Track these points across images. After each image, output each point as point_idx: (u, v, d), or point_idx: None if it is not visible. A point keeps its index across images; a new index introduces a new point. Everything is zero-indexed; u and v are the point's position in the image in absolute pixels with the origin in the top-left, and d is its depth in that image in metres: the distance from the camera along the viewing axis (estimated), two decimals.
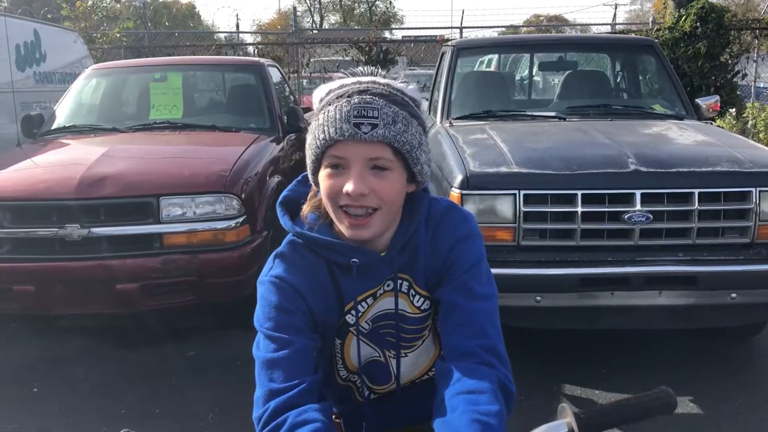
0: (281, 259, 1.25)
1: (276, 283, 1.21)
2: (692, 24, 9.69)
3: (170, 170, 3.93)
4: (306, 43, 12.07)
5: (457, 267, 1.23)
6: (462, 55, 5.10)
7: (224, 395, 3.32)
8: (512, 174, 3.19)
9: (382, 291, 1.27)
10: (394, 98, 1.16)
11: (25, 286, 3.56)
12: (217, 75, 6.07)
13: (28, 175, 3.95)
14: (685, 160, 3.26)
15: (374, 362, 1.33)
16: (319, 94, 1.23)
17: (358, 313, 1.26)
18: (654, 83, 5.14)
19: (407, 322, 1.29)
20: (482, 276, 1.24)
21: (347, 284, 1.24)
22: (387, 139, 1.13)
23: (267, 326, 1.19)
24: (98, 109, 5.35)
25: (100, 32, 10.86)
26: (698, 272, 3.06)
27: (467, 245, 1.25)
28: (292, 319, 1.18)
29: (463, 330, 1.18)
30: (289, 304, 1.19)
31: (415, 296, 1.28)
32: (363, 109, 1.12)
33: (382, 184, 1.14)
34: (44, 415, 3.18)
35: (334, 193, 1.15)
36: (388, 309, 1.28)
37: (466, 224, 1.28)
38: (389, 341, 1.31)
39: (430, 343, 1.34)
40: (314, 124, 1.18)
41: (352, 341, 1.29)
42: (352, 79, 1.20)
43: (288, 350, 1.15)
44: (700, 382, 3.36)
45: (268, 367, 1.15)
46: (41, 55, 6.83)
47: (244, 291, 3.88)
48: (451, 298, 1.21)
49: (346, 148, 1.13)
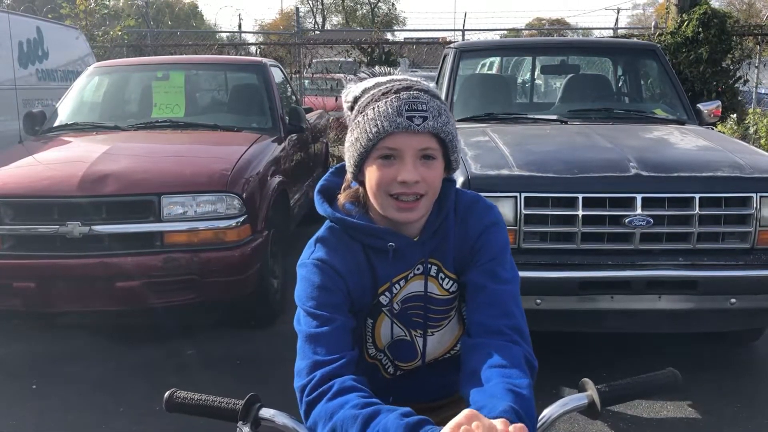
0: (322, 243, 1.32)
1: (318, 265, 1.28)
2: (694, 29, 9.70)
3: (172, 169, 3.94)
4: (308, 44, 12.07)
5: (484, 252, 1.33)
6: (464, 58, 5.10)
7: (223, 393, 3.31)
8: (513, 177, 3.19)
9: (413, 274, 1.35)
10: (433, 93, 1.26)
11: (26, 283, 3.56)
12: (220, 74, 6.08)
13: (30, 173, 3.96)
14: (686, 164, 3.27)
15: (401, 341, 1.40)
16: (354, 93, 1.31)
17: (392, 293, 1.35)
18: (656, 88, 5.15)
19: (435, 303, 1.38)
20: (507, 262, 1.34)
21: (382, 267, 1.33)
22: (435, 130, 1.22)
23: (309, 305, 1.26)
24: (100, 106, 5.36)
25: (102, 30, 10.86)
26: (698, 277, 3.07)
27: (493, 233, 1.35)
28: (332, 298, 1.26)
29: (490, 310, 1.26)
30: (331, 283, 1.27)
31: (444, 279, 1.37)
32: (413, 103, 1.21)
33: (430, 172, 1.24)
34: (43, 412, 3.19)
35: (386, 183, 1.23)
36: (417, 291, 1.37)
37: (492, 213, 1.38)
38: (416, 321, 1.39)
39: (455, 323, 1.42)
40: (362, 120, 1.24)
41: (384, 321, 1.38)
42: (386, 78, 1.29)
43: (329, 326, 1.23)
44: (700, 386, 3.37)
45: (312, 341, 1.22)
46: (44, 52, 6.83)
47: (245, 290, 3.90)
48: (478, 280, 1.30)
49: (399, 139, 1.21)
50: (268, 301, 4.19)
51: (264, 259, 4.02)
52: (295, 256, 1.34)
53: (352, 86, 1.33)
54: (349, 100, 1.32)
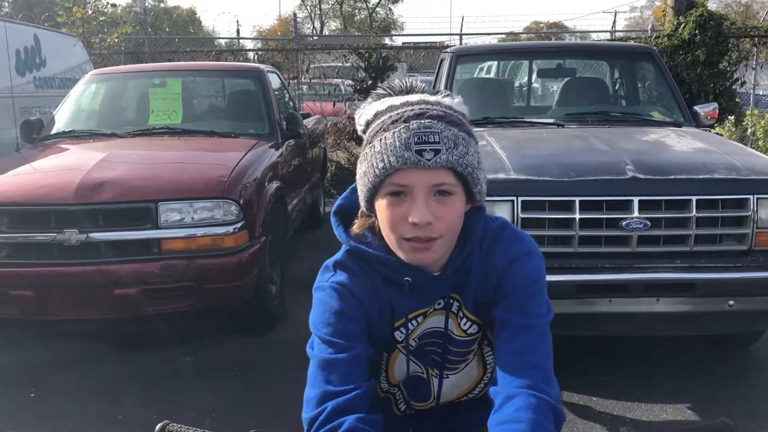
0: (341, 268, 1.23)
1: (338, 289, 1.20)
2: (691, 31, 9.71)
3: (169, 175, 3.93)
4: (306, 49, 12.09)
5: (510, 289, 1.21)
6: (461, 62, 5.11)
7: (221, 401, 3.32)
8: (510, 180, 3.19)
9: (432, 309, 1.26)
10: (450, 119, 1.13)
11: (23, 291, 3.56)
12: (217, 80, 6.09)
13: (27, 180, 3.95)
14: (683, 167, 3.26)
15: (416, 378, 1.32)
16: (366, 116, 1.19)
17: (408, 330, 1.25)
18: (652, 90, 5.15)
19: (454, 343, 1.28)
20: (537, 296, 1.21)
21: (399, 301, 1.23)
22: (450, 164, 1.10)
23: (325, 331, 1.18)
24: (97, 114, 5.36)
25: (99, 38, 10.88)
26: (696, 279, 3.07)
27: (521, 266, 1.22)
28: (350, 326, 1.18)
29: (512, 348, 1.16)
30: (350, 310, 1.19)
31: (462, 319, 1.27)
32: (424, 134, 1.09)
33: (446, 210, 1.12)
34: (41, 420, 3.17)
35: (397, 224, 1.13)
36: (436, 327, 1.27)
37: (520, 244, 1.24)
38: (434, 359, 1.30)
39: (473, 366, 1.33)
40: (369, 152, 1.14)
41: (399, 357, 1.29)
42: (401, 99, 1.16)
43: (345, 354, 1.15)
44: (698, 389, 3.36)
45: (325, 368, 1.14)
46: (41, 60, 6.83)
47: (243, 296, 3.89)
48: (503, 316, 1.19)
49: (409, 175, 1.10)
50: (266, 307, 4.18)
51: (262, 266, 4.01)
52: (294, 262, 1.31)
53: (366, 107, 1.21)
54: (362, 123, 1.21)
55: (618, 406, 3.21)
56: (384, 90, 1.21)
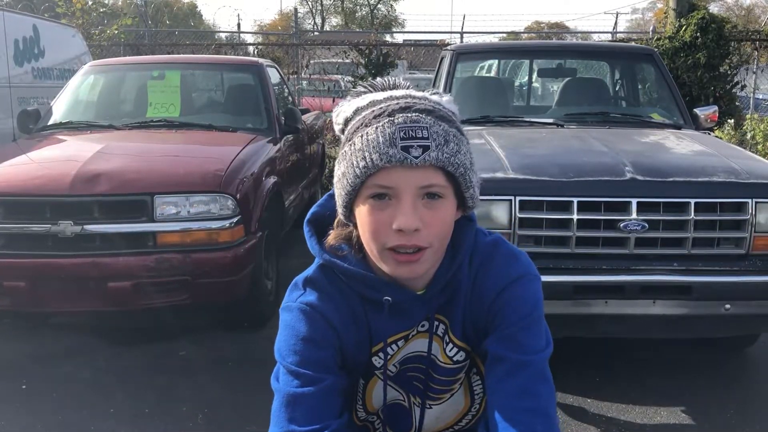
0: (312, 286, 1.11)
1: (307, 312, 1.08)
2: (692, 34, 9.70)
3: (165, 169, 3.91)
4: (306, 45, 12.06)
5: (504, 316, 1.08)
6: (461, 60, 5.09)
7: (214, 396, 3.30)
8: (508, 180, 3.18)
9: (415, 332, 1.13)
10: (440, 113, 1.01)
11: (16, 282, 3.53)
12: (216, 74, 6.06)
13: (23, 171, 3.93)
14: (682, 169, 3.25)
15: (397, 406, 1.21)
16: (344, 114, 1.06)
17: (386, 356, 1.13)
18: (653, 92, 5.14)
19: (438, 370, 1.16)
20: (534, 327, 1.09)
21: (377, 323, 1.11)
22: (440, 163, 0.97)
23: (291, 360, 1.08)
24: (95, 105, 5.34)
25: (98, 29, 10.84)
26: (693, 282, 3.05)
27: (517, 290, 1.09)
28: (321, 354, 1.07)
29: (509, 389, 1.04)
30: (320, 336, 1.07)
31: (448, 344, 1.14)
32: (411, 129, 0.96)
33: (435, 216, 0.99)
34: (32, 413, 3.16)
35: (380, 232, 1.00)
36: (419, 351, 1.15)
37: (516, 265, 1.11)
38: (416, 386, 1.18)
39: (459, 397, 1.21)
40: (348, 150, 1.01)
41: (377, 383, 1.18)
42: (384, 94, 1.04)
43: (314, 388, 1.05)
44: (694, 391, 3.36)
45: (289, 405, 1.05)
46: (40, 50, 6.81)
47: (238, 291, 3.88)
48: (497, 350, 1.07)
49: (394, 176, 0.97)
50: (262, 302, 4.16)
51: (258, 261, 3.99)
52: (290, 258, 1.22)
53: (344, 105, 1.08)
54: (340, 122, 1.07)
55: (612, 408, 3.21)
56: (365, 88, 1.09)
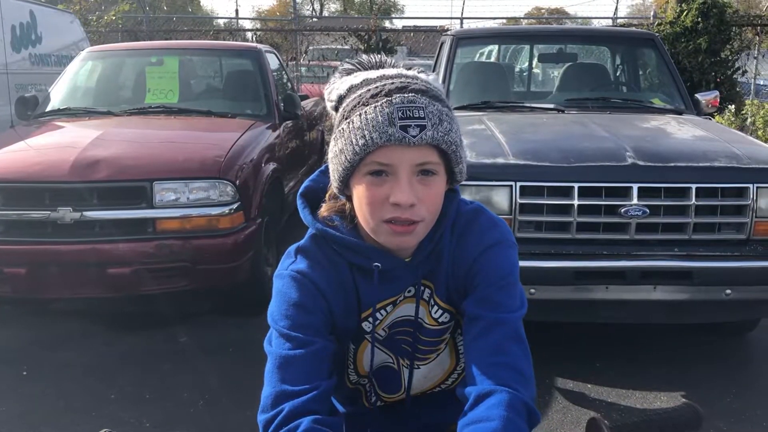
0: (303, 255, 1.16)
1: (297, 279, 1.14)
2: (693, 19, 9.66)
3: (164, 155, 3.90)
4: (305, 31, 12.00)
5: (482, 278, 1.14)
6: (461, 45, 5.06)
7: (214, 382, 3.30)
8: (509, 165, 3.17)
9: (403, 297, 1.19)
10: (433, 93, 1.06)
11: (16, 269, 3.54)
12: (214, 60, 6.03)
13: (22, 157, 3.92)
14: (683, 154, 3.24)
15: (386, 368, 1.26)
16: (338, 91, 1.10)
17: (375, 321, 1.18)
18: (654, 77, 5.11)
19: (424, 332, 1.22)
20: (510, 289, 1.14)
21: (367, 289, 1.16)
22: (435, 141, 1.03)
23: (283, 324, 1.12)
24: (93, 91, 5.31)
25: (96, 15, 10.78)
26: (693, 267, 3.05)
27: (494, 254, 1.15)
28: (311, 318, 1.12)
29: (483, 346, 1.09)
30: (310, 301, 1.12)
31: (434, 307, 1.20)
32: (408, 109, 1.02)
33: (429, 192, 1.05)
34: (33, 399, 3.16)
35: (377, 206, 1.05)
36: (407, 316, 1.20)
37: (494, 231, 1.17)
38: (404, 349, 1.24)
39: (445, 357, 1.27)
40: (347, 128, 1.05)
41: (367, 347, 1.22)
42: (376, 73, 1.09)
43: (304, 350, 1.09)
44: (693, 377, 3.36)
45: (282, 366, 1.09)
46: (37, 36, 6.77)
47: (238, 277, 3.88)
48: (473, 310, 1.12)
49: (392, 154, 1.02)
50: (262, 288, 4.16)
51: (257, 247, 3.99)
52: (289, 244, 1.23)
53: (337, 81, 1.12)
54: (333, 99, 1.11)
55: (612, 393, 3.21)
56: (352, 65, 1.13)
